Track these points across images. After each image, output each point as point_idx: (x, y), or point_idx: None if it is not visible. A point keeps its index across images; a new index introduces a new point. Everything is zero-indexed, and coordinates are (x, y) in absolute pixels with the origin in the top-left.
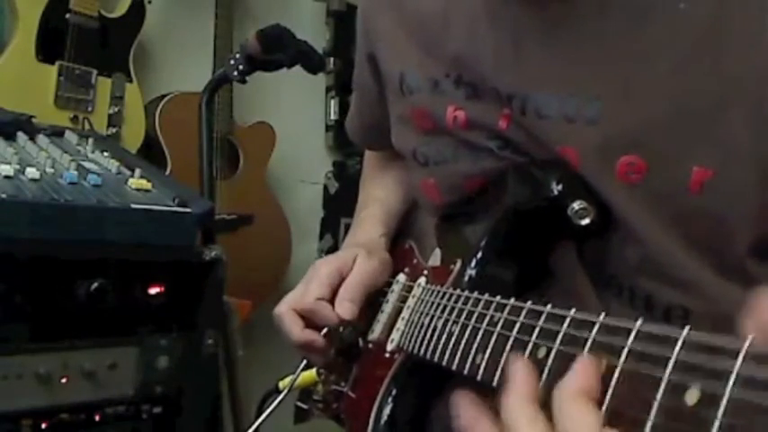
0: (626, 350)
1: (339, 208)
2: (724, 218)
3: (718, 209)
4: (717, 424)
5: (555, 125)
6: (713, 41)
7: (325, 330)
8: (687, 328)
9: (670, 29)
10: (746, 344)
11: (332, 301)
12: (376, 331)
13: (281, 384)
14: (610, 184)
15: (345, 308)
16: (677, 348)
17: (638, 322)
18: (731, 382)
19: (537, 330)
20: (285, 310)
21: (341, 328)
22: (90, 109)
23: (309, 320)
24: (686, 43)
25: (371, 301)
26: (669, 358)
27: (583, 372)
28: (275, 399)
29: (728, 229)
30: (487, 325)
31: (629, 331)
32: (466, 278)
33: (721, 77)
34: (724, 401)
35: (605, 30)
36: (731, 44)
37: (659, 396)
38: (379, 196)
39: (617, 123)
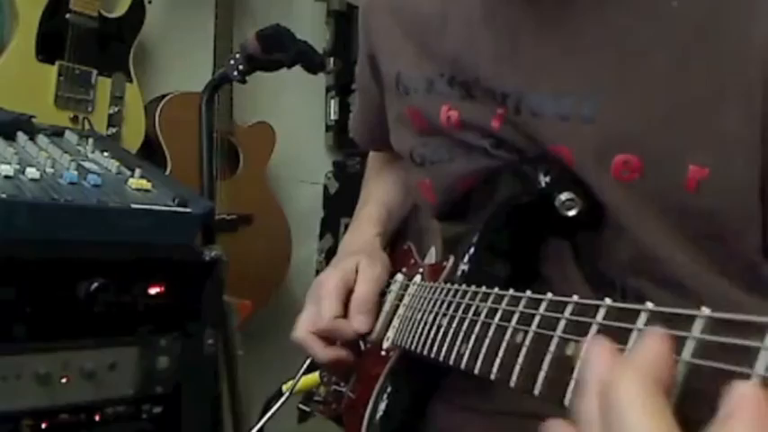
0: (594, 327)
1: (339, 208)
2: (721, 217)
3: (714, 208)
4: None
5: (549, 124)
6: (707, 38)
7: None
8: (607, 299)
9: (664, 26)
10: (607, 300)
11: (345, 314)
12: (374, 331)
13: (284, 387)
14: (605, 183)
15: (361, 322)
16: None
17: (608, 300)
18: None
19: (516, 316)
20: (304, 334)
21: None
22: (90, 109)
23: (329, 339)
24: (681, 41)
25: None
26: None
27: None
28: (278, 402)
29: (727, 229)
30: (472, 315)
31: (597, 308)
32: (458, 273)
33: (716, 74)
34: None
35: (600, 28)
36: (725, 41)
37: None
38: (377, 195)
39: (613, 122)
